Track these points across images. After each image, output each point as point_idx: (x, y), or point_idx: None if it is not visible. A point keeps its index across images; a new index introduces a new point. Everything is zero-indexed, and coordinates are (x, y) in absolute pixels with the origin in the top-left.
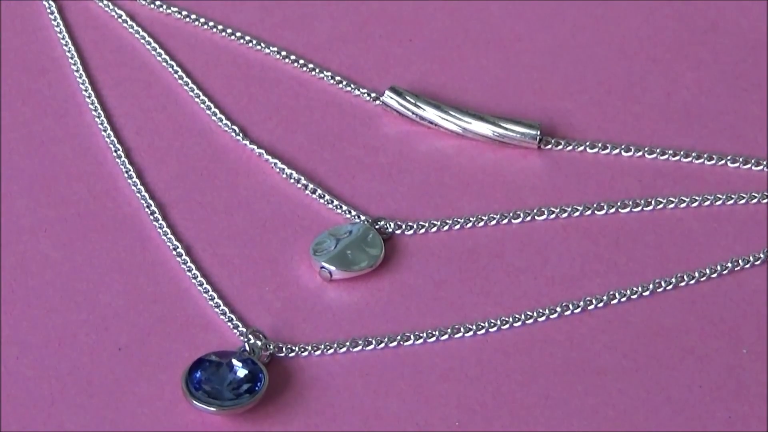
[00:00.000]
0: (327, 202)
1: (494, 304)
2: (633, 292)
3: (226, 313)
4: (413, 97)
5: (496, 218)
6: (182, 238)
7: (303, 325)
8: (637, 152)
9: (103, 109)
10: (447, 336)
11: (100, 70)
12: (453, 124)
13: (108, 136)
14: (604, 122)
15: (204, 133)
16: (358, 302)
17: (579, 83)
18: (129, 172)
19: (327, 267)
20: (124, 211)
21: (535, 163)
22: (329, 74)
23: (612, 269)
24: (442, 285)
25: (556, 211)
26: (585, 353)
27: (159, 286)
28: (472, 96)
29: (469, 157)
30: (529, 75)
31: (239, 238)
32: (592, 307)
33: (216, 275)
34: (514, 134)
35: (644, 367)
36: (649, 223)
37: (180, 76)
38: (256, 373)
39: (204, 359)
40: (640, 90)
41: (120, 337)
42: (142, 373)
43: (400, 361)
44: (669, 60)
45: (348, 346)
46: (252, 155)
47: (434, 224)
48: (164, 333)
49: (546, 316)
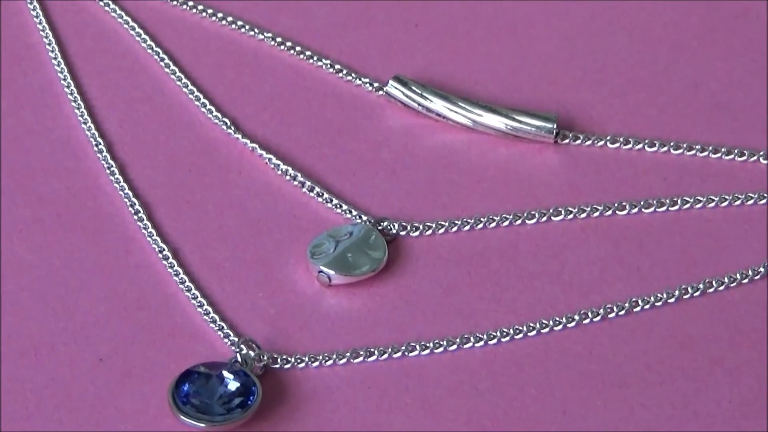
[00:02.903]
0: (326, 201)
1: (507, 312)
2: (657, 299)
3: (217, 321)
4: (419, 87)
5: (508, 219)
6: (169, 239)
7: (299, 334)
8: (661, 147)
9: (84, 100)
10: (455, 346)
11: (81, 58)
12: (462, 116)
13: (89, 129)
14: (626, 115)
15: (192, 126)
16: (359, 309)
17: (599, 72)
18: (111, 168)
19: (325, 271)
20: (106, 210)
21: (552, 158)
22: (328, 62)
23: (634, 274)
24: (450, 291)
25: (574, 211)
26: (605, 365)
27: (143, 291)
28: (483, 86)
29: (479, 153)
30: (545, 63)
31: (231, 239)
32: (612, 315)
33: (205, 280)
34: (529, 128)
35: (669, 380)
36: (675, 224)
37: (167, 64)
38: (249, 386)
39: (192, 371)
40: (665, 80)
41: (101, 346)
42: (125, 385)
43: (404, 373)
44: (696, 48)
45: (348, 357)
46: (245, 150)
47: (442, 225)
48: (149, 342)
49: (563, 325)
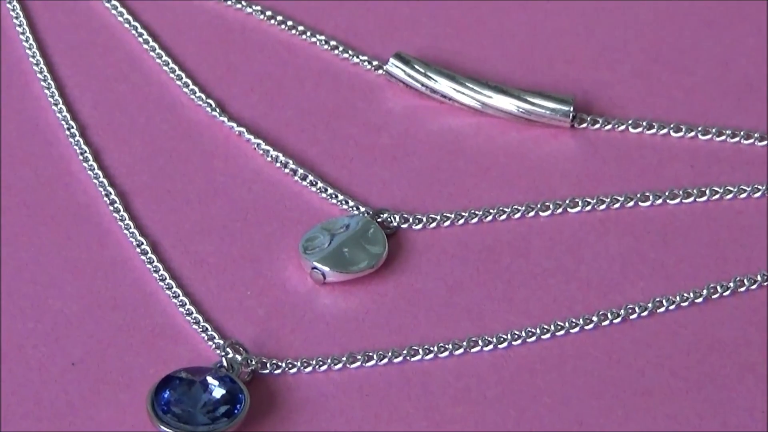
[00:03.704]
0: (320, 191)
1: (518, 313)
2: (683, 299)
3: (200, 321)
4: (423, 66)
5: (520, 210)
6: (147, 232)
7: (291, 337)
8: (688, 132)
9: (54, 79)
10: (462, 350)
11: (51, 34)
12: (470, 98)
13: (60, 111)
14: (649, 96)
15: (174, 108)
16: (356, 309)
17: (620, 50)
18: (84, 153)
19: (319, 267)
20: (79, 200)
21: (568, 144)
22: (322, 38)
23: (658, 271)
24: (456, 289)
25: (592, 203)
26: (626, 371)
27: (120, 289)
28: (492, 65)
29: (488, 138)
30: (560, 39)
31: (215, 232)
32: (634, 316)
33: (188, 277)
34: (543, 110)
35: (696, 388)
36: (703, 216)
37: (145, 40)
38: (236, 393)
39: (173, 376)
40: (692, 58)
41: (74, 349)
42: (100, 392)
43: (406, 380)
44: (726, 24)
45: (344, 362)
46: (231, 134)
47: (447, 217)
48: (126, 345)
49: (580, 327)
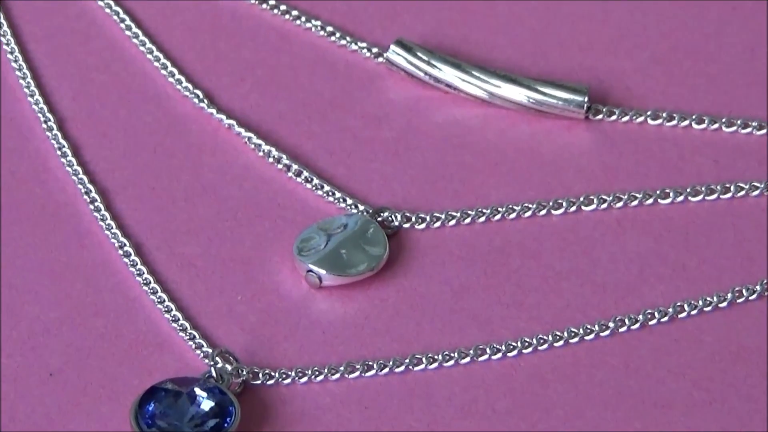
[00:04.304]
0: (315, 188)
1: (529, 319)
2: (706, 304)
3: (187, 329)
4: (426, 53)
5: (531, 208)
6: (131, 233)
7: (285, 345)
8: (711, 124)
9: (30, 68)
10: (468, 359)
11: (27, 20)
12: (477, 87)
13: (36, 103)
14: (670, 86)
15: (158, 100)
16: (355, 315)
17: (638, 35)
18: (63, 149)
19: (315, 270)
20: (57, 199)
21: (582, 137)
22: (318, 24)
23: (679, 273)
24: (463, 293)
25: (609, 200)
26: (644, 381)
27: (101, 294)
28: (500, 51)
29: (497, 131)
30: (574, 24)
31: (203, 233)
32: (653, 322)
33: (174, 281)
34: (556, 101)
35: (720, 399)
36: (727, 214)
37: (128, 26)
38: (225, 405)
39: (158, 388)
40: (715, 45)
41: (52, 359)
42: (80, 404)
43: (408, 391)
44: (753, 7)
45: (342, 372)
46: (220, 127)
47: (452, 216)
48: (108, 354)
49: (595, 334)
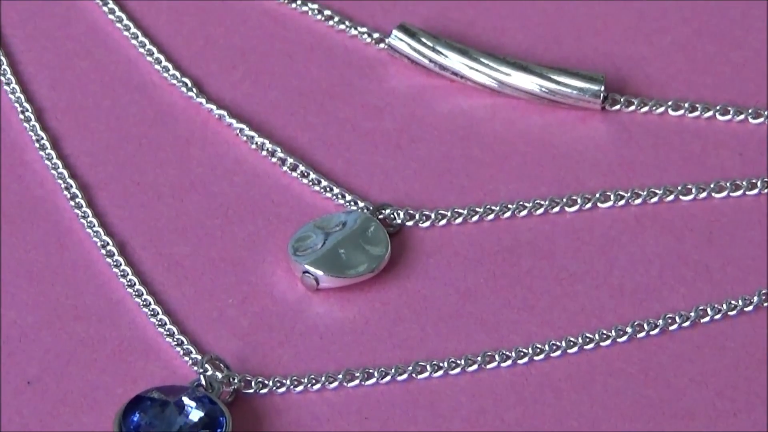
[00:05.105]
0: (312, 183)
1: (541, 323)
2: (730, 308)
3: (175, 334)
4: (430, 39)
5: (543, 205)
6: (114, 231)
7: (279, 351)
8: (736, 115)
9: (6, 55)
10: (476, 366)
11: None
12: (485, 75)
13: (12, 91)
14: (691, 74)
15: (144, 89)
16: (354, 320)
17: (657, 20)
18: (41, 140)
19: (312, 271)
20: (35, 194)
21: (598, 129)
22: (315, 7)
23: (701, 275)
24: (470, 296)
25: (626, 196)
26: (665, 389)
27: (82, 297)
28: (511, 37)
29: (507, 122)
30: (589, 10)
31: (192, 231)
32: (674, 327)
33: (160, 282)
34: (570, 90)
35: (745, 409)
36: (753, 212)
37: (111, 9)
38: (215, 416)
39: (144, 397)
40: (740, 31)
41: (30, 366)
42: (60, 415)
43: (411, 400)
44: None
45: (341, 380)
46: (210, 118)
47: (459, 213)
48: (90, 361)
49: (612, 340)
